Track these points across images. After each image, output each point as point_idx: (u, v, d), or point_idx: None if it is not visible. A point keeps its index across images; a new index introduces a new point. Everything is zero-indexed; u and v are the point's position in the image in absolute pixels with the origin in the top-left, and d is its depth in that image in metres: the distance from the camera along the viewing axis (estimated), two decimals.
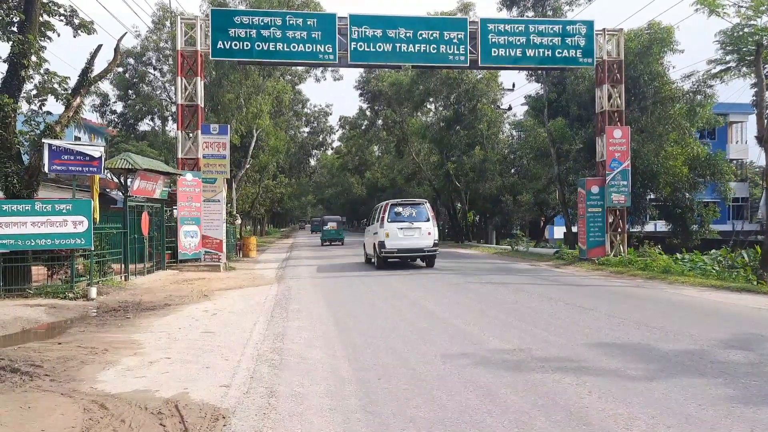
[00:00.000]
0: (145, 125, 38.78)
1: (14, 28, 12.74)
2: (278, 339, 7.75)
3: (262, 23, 18.80)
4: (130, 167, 14.53)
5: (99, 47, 13.81)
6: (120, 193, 16.91)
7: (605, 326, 8.22)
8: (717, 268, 15.77)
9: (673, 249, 22.40)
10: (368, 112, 48.75)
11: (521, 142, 36.23)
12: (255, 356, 6.75)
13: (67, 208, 11.87)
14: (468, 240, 40.67)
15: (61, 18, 13.62)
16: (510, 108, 39.06)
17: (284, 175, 55.75)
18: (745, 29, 17.32)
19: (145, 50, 36.07)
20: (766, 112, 15.23)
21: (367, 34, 19.14)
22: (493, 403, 4.86)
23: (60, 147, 12.09)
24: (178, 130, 19.39)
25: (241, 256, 26.92)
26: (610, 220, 20.28)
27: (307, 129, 56.16)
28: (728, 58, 18.70)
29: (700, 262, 16.67)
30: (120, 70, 34.85)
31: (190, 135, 19.23)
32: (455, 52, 19.52)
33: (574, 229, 27.48)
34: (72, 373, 6.05)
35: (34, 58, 12.63)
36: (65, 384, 5.66)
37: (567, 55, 20.02)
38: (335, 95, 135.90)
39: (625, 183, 19.91)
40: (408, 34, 19.30)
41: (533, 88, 35.05)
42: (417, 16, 20.39)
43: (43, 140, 12.04)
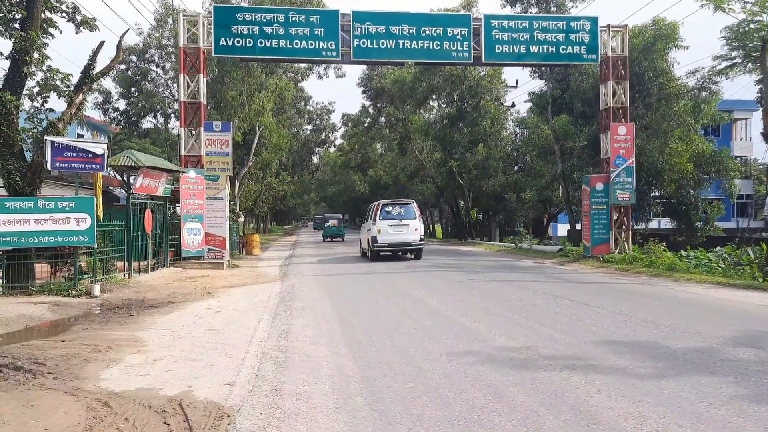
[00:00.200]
0: (147, 122, 38.81)
1: (16, 25, 12.67)
2: (282, 336, 7.70)
3: (264, 20, 18.73)
4: (133, 164, 14.48)
5: (101, 44, 13.75)
6: (123, 190, 16.88)
7: (612, 324, 8.16)
8: (722, 266, 15.68)
9: (677, 246, 22.30)
10: (371, 110, 48.63)
11: (524, 139, 36.09)
12: (259, 354, 6.70)
13: (70, 205, 11.83)
14: (471, 237, 40.59)
15: (63, 15, 13.53)
16: (513, 105, 38.98)
17: (287, 173, 55.72)
18: (751, 25, 17.21)
19: (148, 47, 36.02)
20: None
21: (370, 30, 19.06)
22: (501, 402, 4.80)
23: (62, 144, 12.05)
24: (180, 127, 19.35)
25: (245, 253, 26.88)
26: (615, 217, 20.18)
27: (310, 126, 56.13)
28: (734, 54, 18.59)
29: (705, 260, 16.58)
30: (122, 67, 34.82)
31: (193, 132, 19.20)
32: (459, 48, 19.43)
33: (578, 226, 27.39)
34: (75, 371, 6.01)
35: (36, 54, 12.57)
36: (68, 382, 5.61)
37: (571, 51, 19.92)
38: (338, 92, 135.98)
39: (629, 180, 19.81)
40: (411, 31, 19.22)
41: (537, 85, 35.03)
42: (420, 13, 20.28)
43: (45, 137, 12.00)
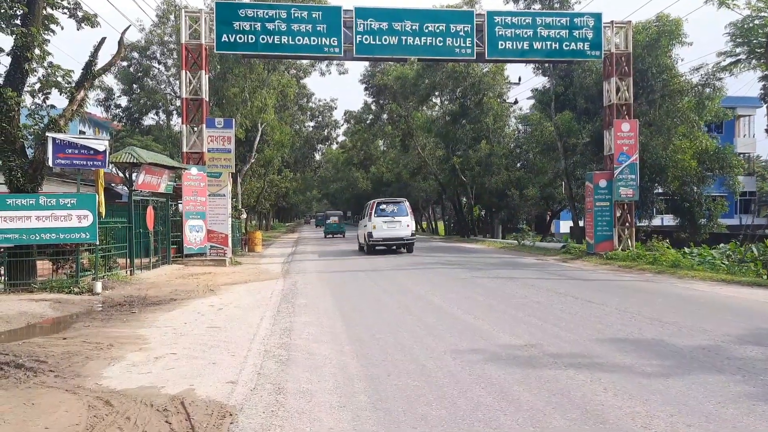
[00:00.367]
0: (149, 119, 38.74)
1: (17, 21, 12.62)
2: (285, 334, 7.65)
3: (266, 16, 18.65)
4: (135, 161, 14.45)
5: (103, 40, 13.70)
6: (125, 187, 16.85)
7: (616, 321, 8.10)
8: (726, 263, 15.60)
9: (680, 243, 22.22)
10: (373, 107, 48.48)
11: (527, 136, 35.97)
12: (262, 352, 6.65)
13: (72, 202, 11.80)
14: (474, 234, 40.52)
15: (65, 11, 13.48)
16: (516, 102, 38.84)
17: (289, 170, 55.59)
18: (756, 21, 17.14)
19: (150, 44, 35.90)
20: None
21: (372, 26, 18.98)
22: (506, 401, 4.75)
23: (64, 141, 12.02)
24: (182, 124, 19.31)
25: (247, 250, 26.84)
26: (618, 214, 20.11)
27: (312, 123, 55.91)
28: (738, 50, 18.53)
29: (708, 257, 16.49)
30: (124, 64, 34.73)
31: (195, 129, 19.15)
32: (462, 45, 19.33)
33: (581, 223, 27.29)
34: (77, 369, 5.97)
35: (37, 51, 12.51)
36: (70, 380, 5.57)
37: (574, 47, 19.82)
38: (340, 89, 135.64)
39: (633, 177, 19.72)
40: (414, 27, 19.13)
41: (539, 81, 34.72)
42: (423, 9, 20.18)
43: (47, 134, 11.96)
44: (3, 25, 12.56)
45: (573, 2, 26.69)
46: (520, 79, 36.78)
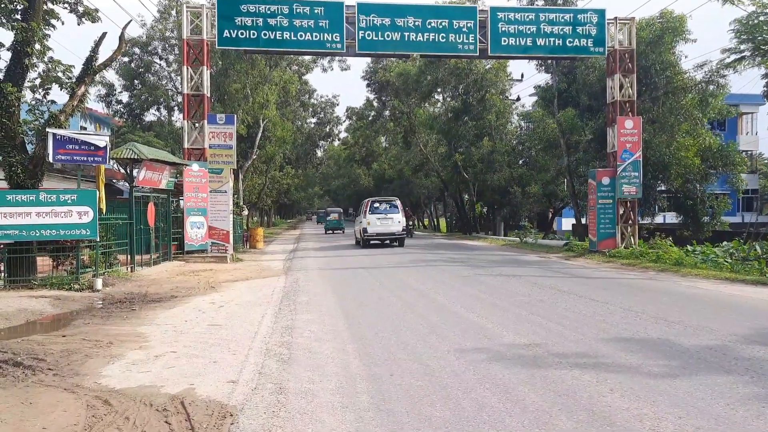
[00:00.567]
0: (151, 115, 38.59)
1: (18, 16, 12.54)
2: (287, 332, 7.58)
3: (268, 11, 18.54)
4: (136, 157, 14.37)
5: (103, 35, 13.61)
6: (126, 183, 16.78)
7: (621, 320, 8.02)
8: (729, 261, 15.49)
9: (683, 241, 22.08)
10: (375, 103, 48.33)
11: (530, 133, 35.83)
12: (263, 350, 6.58)
13: (72, 198, 11.73)
14: (476, 232, 40.41)
15: (65, 6, 13.40)
16: (519, 98, 38.68)
17: (291, 166, 55.55)
18: (761, 17, 16.99)
19: (151, 40, 35.80)
20: None
21: (375, 22, 18.86)
22: (511, 401, 4.67)
23: (64, 136, 11.93)
24: (184, 120, 19.23)
25: (248, 247, 26.79)
26: (621, 211, 20.02)
27: (314, 120, 55.83)
28: (742, 47, 18.37)
29: (712, 255, 16.37)
30: (125, 59, 34.65)
31: (196, 125, 19.07)
32: (464, 41, 19.22)
33: (584, 220, 27.21)
34: (76, 368, 5.90)
35: (37, 46, 12.43)
36: (68, 379, 5.51)
37: (578, 44, 19.71)
38: (342, 85, 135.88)
39: (636, 174, 19.62)
40: (417, 23, 19.01)
41: (542, 78, 34.64)
42: (426, 5, 20.08)
43: (47, 129, 11.88)
44: (3, 20, 12.47)
45: None
46: (522, 76, 36.53)
